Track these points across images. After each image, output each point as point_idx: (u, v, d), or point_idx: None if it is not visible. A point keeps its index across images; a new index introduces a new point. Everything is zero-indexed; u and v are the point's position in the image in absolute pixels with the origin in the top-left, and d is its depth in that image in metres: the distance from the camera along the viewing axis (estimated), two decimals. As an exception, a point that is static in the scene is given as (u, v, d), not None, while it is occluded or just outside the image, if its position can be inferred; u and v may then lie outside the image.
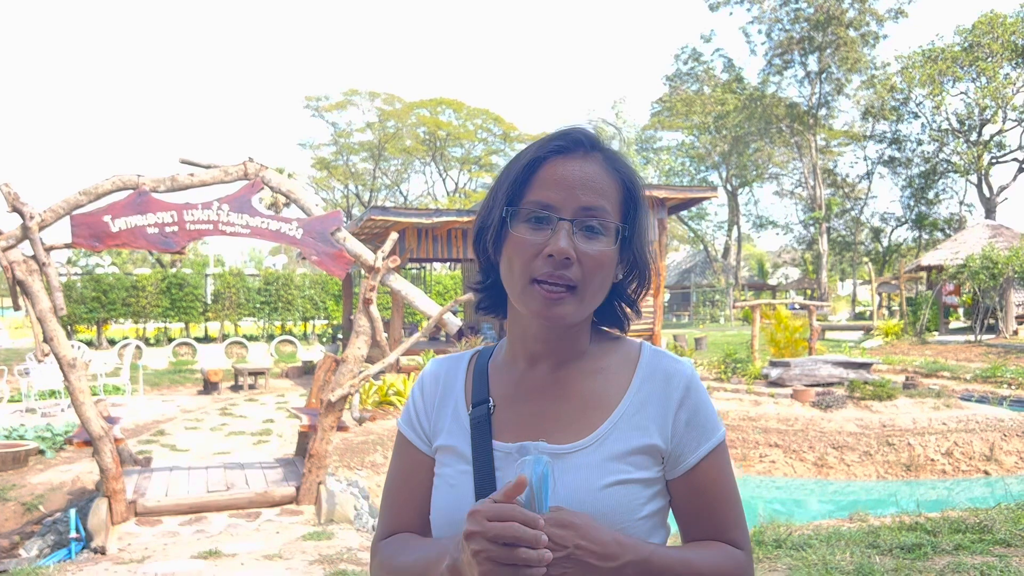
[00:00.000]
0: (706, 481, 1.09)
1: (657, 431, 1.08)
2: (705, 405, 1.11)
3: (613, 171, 1.10)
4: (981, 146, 37.21)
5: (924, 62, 36.76)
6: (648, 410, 1.09)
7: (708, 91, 43.16)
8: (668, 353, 1.16)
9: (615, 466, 1.05)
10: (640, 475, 1.06)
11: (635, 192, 1.12)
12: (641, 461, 1.07)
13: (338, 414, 7.13)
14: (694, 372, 1.14)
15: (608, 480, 1.04)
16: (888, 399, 12.92)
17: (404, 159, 54.96)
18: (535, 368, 1.14)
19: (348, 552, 5.60)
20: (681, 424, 1.08)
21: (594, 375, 1.13)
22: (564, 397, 1.12)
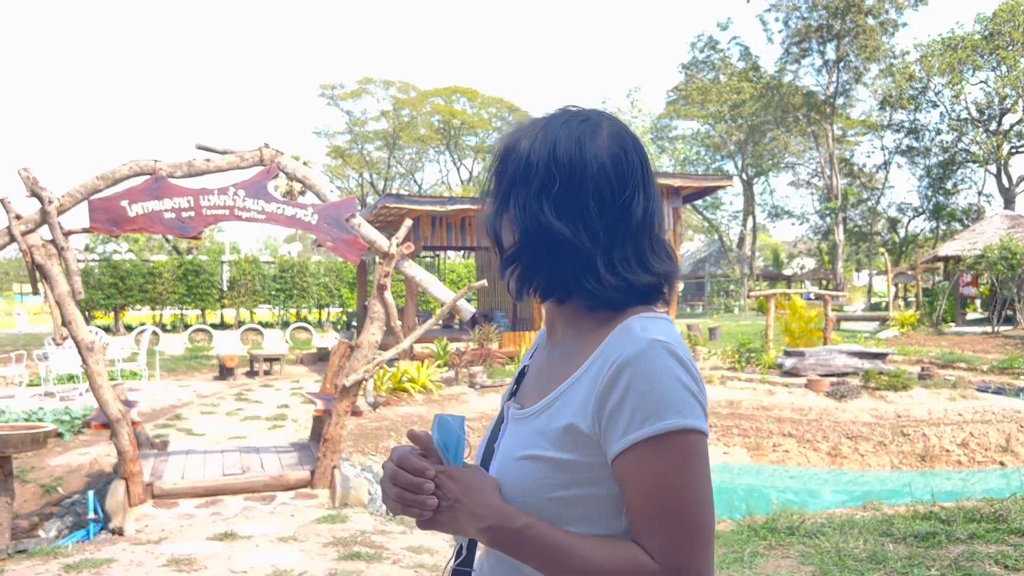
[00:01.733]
0: (628, 475, 0.97)
1: (580, 411, 1.01)
2: (648, 389, 0.96)
3: (490, 151, 1.20)
4: (1001, 136, 36.80)
5: (944, 51, 36.33)
6: (580, 388, 1.03)
7: (724, 80, 42.85)
8: (639, 327, 1.03)
9: (534, 440, 1.05)
10: (552, 454, 1.02)
11: (494, 162, 1.14)
12: (559, 440, 1.02)
13: (352, 399, 7.17)
14: (645, 350, 0.98)
15: (522, 453, 1.05)
16: (903, 389, 12.86)
17: (418, 148, 55.00)
18: (548, 341, 1.21)
19: (362, 535, 5.65)
20: (609, 407, 0.98)
21: (572, 348, 1.11)
22: (547, 367, 1.15)
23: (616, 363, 0.99)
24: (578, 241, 1.04)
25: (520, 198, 1.07)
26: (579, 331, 1.11)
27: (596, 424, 1.00)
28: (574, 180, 1.05)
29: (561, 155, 1.06)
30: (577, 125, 1.08)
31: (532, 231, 1.06)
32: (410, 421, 11.35)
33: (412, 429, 1.07)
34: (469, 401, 12.91)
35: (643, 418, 0.96)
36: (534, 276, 1.09)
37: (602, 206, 1.05)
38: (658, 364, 0.97)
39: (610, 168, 1.06)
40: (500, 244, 1.13)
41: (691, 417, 0.96)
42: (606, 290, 1.05)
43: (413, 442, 1.06)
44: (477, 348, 14.67)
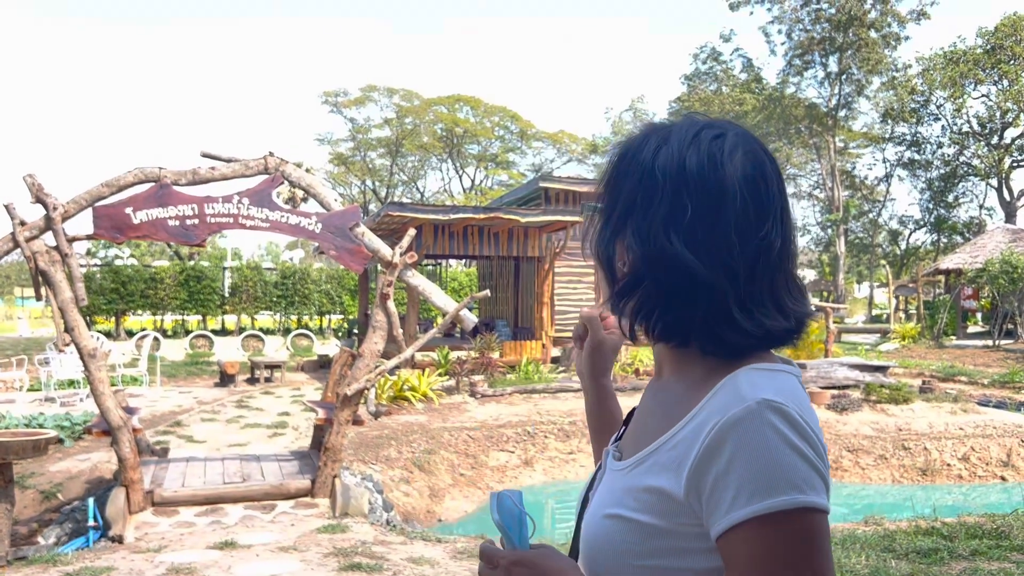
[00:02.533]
0: (733, 557, 0.83)
1: (673, 475, 0.88)
2: (755, 456, 0.82)
3: (608, 156, 1.04)
4: (1002, 149, 36.88)
5: (945, 64, 36.45)
6: (678, 450, 0.90)
7: (726, 91, 42.97)
8: (746, 384, 0.88)
9: (624, 499, 0.94)
10: (640, 518, 0.91)
11: (611, 169, 1.00)
12: (648, 503, 0.90)
13: (354, 408, 7.17)
14: (753, 412, 0.83)
15: (610, 511, 0.95)
16: (904, 403, 12.84)
17: (421, 155, 55.11)
18: (654, 382, 1.08)
19: (362, 546, 5.64)
20: (709, 476, 0.84)
21: (673, 399, 0.98)
22: (647, 412, 1.04)
23: (719, 426, 0.84)
24: (714, 279, 0.90)
25: (643, 222, 0.94)
26: (684, 377, 0.98)
27: (693, 493, 0.86)
28: (710, 206, 0.91)
29: (693, 175, 0.91)
30: (710, 140, 0.94)
31: (657, 263, 0.92)
32: (410, 430, 11.34)
33: (483, 544, 0.98)
34: (470, 410, 12.90)
35: (751, 492, 0.81)
36: (655, 315, 0.94)
37: (742, 239, 0.90)
38: (768, 429, 0.82)
39: (749, 194, 0.92)
40: (612, 271, 0.99)
41: (810, 492, 0.81)
42: (739, 336, 0.91)
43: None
44: (478, 357, 14.67)
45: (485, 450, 11.42)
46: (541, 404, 13.39)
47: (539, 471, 11.44)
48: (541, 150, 58.91)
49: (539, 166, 60.06)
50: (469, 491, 10.50)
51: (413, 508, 9.28)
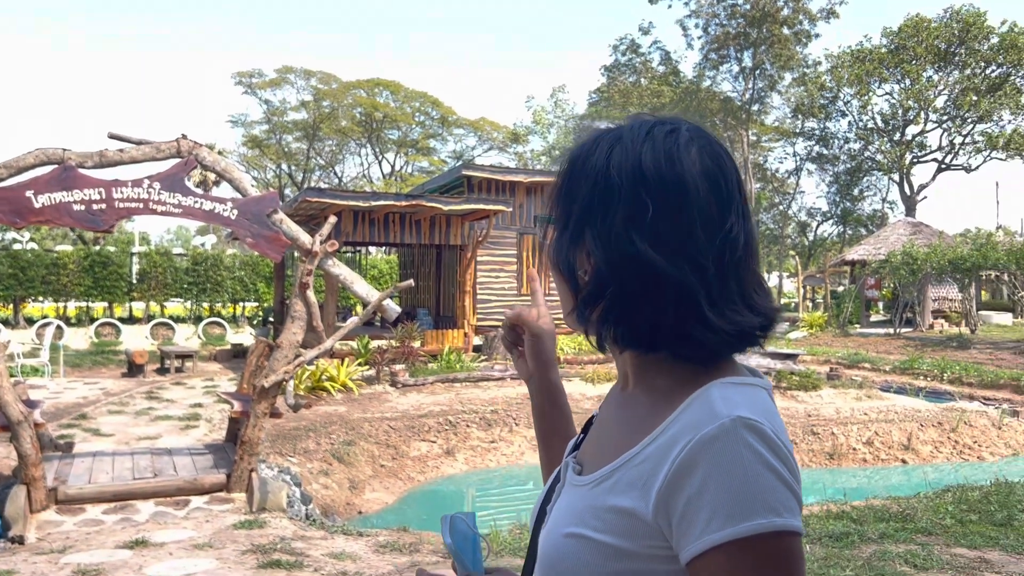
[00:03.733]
0: None
1: (639, 494, 0.84)
2: (731, 479, 0.78)
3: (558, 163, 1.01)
4: (904, 146, 38.58)
5: (852, 62, 37.86)
6: (645, 465, 0.86)
7: (645, 83, 43.61)
8: (719, 399, 0.84)
9: (585, 517, 0.89)
10: (602, 538, 0.86)
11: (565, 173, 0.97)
12: (613, 523, 0.86)
13: (272, 400, 6.98)
14: (727, 430, 0.80)
15: (570, 530, 0.90)
16: (813, 389, 13.33)
17: (339, 140, 54.20)
18: (620, 391, 1.03)
19: (282, 542, 5.50)
20: (680, 497, 0.80)
21: (644, 407, 0.93)
22: (610, 424, 1.00)
23: (692, 444, 0.81)
24: (683, 277, 0.86)
25: (601, 226, 0.90)
26: (651, 387, 0.94)
27: (662, 514, 0.82)
28: (672, 203, 0.87)
29: (651, 173, 0.88)
30: (663, 137, 0.90)
31: (622, 266, 0.88)
32: (329, 420, 11.15)
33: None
34: (391, 400, 12.78)
35: (727, 515, 0.77)
36: (622, 320, 0.90)
37: (707, 234, 0.87)
38: (744, 449, 0.79)
39: (710, 188, 0.88)
40: (575, 280, 0.94)
41: (787, 515, 0.78)
42: (711, 335, 0.86)
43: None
44: (399, 346, 14.52)
45: (406, 440, 11.32)
46: (463, 393, 13.37)
47: (461, 460, 11.42)
48: (462, 137, 58.66)
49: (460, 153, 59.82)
50: (390, 482, 10.39)
51: (332, 501, 9.12)
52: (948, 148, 38.98)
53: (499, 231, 17.32)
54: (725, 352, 0.90)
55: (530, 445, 12.15)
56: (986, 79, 36.45)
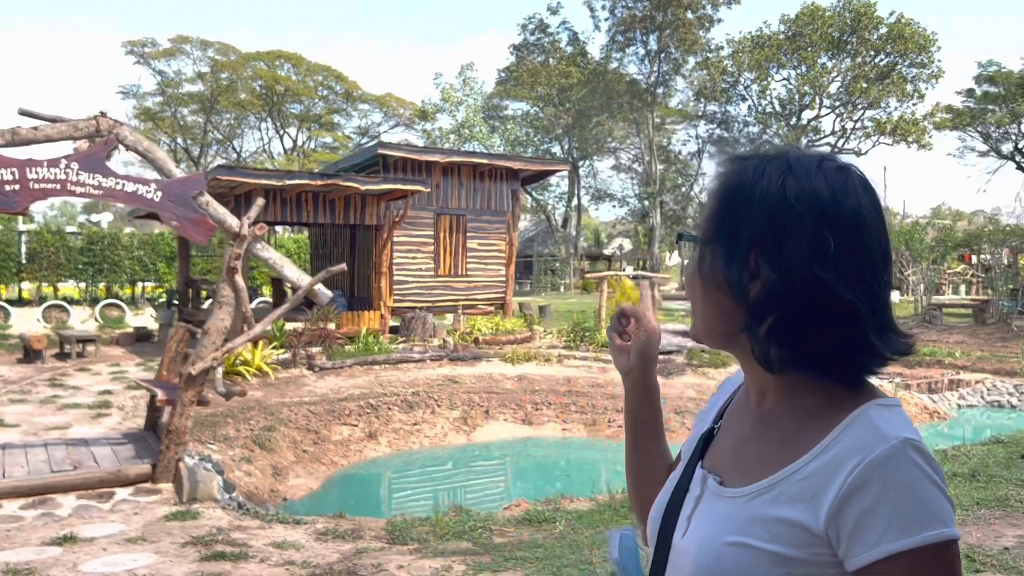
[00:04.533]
0: None
1: (810, 510, 0.91)
2: (902, 494, 0.87)
3: (718, 184, 1.04)
4: (800, 130, 40.21)
5: (752, 48, 39.12)
6: (811, 482, 0.92)
7: (553, 63, 43.87)
8: (882, 420, 0.93)
9: (749, 527, 0.95)
10: (771, 547, 0.93)
11: (730, 195, 1.01)
12: (781, 533, 0.93)
13: (200, 388, 6.79)
14: (897, 451, 0.88)
15: (732, 539, 0.96)
16: (723, 366, 13.85)
17: (238, 113, 52.47)
18: (749, 401, 1.10)
19: (219, 532, 5.39)
20: (853, 511, 0.88)
21: (790, 424, 1.00)
22: (755, 440, 1.05)
23: (865, 464, 0.88)
24: (858, 305, 0.93)
25: (781, 252, 0.94)
26: (797, 405, 1.00)
27: (833, 526, 0.89)
28: (849, 236, 0.94)
29: (830, 206, 0.94)
30: (834, 171, 0.97)
31: (801, 292, 0.93)
32: (247, 406, 10.89)
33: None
34: (309, 384, 12.58)
35: (903, 528, 0.86)
36: (795, 341, 0.96)
37: (875, 265, 0.96)
38: (913, 468, 0.88)
39: (876, 222, 0.97)
40: (743, 296, 0.98)
41: (951, 525, 0.88)
42: (872, 359, 0.96)
43: None
44: (315, 329, 14.29)
45: (327, 425, 11.19)
46: (383, 376, 13.27)
47: (384, 443, 11.38)
48: (367, 113, 57.70)
49: (365, 129, 58.83)
50: (313, 467, 10.27)
51: (256, 488, 8.95)
52: (840, 133, 40.88)
53: (416, 211, 17.19)
54: (873, 373, 0.98)
55: (452, 426, 12.22)
56: (875, 67, 38.32)
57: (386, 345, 15.06)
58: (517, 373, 13.59)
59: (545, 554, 4.73)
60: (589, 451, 11.83)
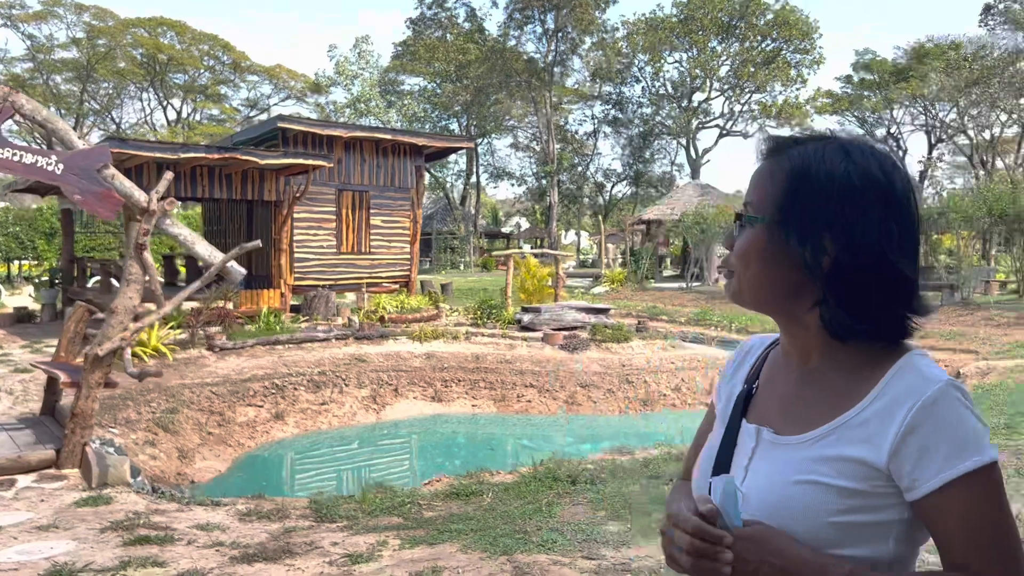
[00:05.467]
0: (948, 509, 1.02)
1: (872, 449, 1.04)
2: (953, 428, 1.01)
3: (781, 167, 1.13)
4: (691, 112, 41.40)
5: (646, 30, 39.92)
6: (873, 423, 1.06)
7: (451, 39, 43.55)
8: (925, 367, 1.07)
9: (814, 467, 1.07)
10: (838, 482, 1.05)
11: (797, 180, 1.10)
12: (846, 470, 1.05)
13: (106, 369, 6.52)
14: (944, 393, 1.02)
15: (800, 477, 1.07)
16: (625, 341, 14.26)
17: (117, 82, 49.78)
18: (789, 361, 1.21)
19: (139, 517, 5.22)
20: (913, 448, 1.02)
21: (841, 379, 1.12)
22: (803, 394, 1.16)
23: (919, 405, 1.02)
24: (913, 277, 1.08)
25: (849, 230, 1.06)
26: (841, 363, 1.13)
27: (895, 461, 1.03)
28: (906, 215, 1.08)
29: (890, 188, 1.08)
30: (883, 156, 1.11)
31: (868, 266, 1.06)
32: (146, 388, 10.49)
33: (700, 510, 1.05)
34: (210, 365, 12.21)
35: (958, 456, 1.00)
36: (859, 307, 1.08)
37: (917, 241, 1.10)
38: (959, 405, 1.02)
39: (916, 202, 1.11)
40: (816, 267, 1.08)
41: (994, 449, 1.02)
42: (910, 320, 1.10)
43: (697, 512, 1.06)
44: (213, 308, 13.84)
45: (231, 406, 10.92)
46: (287, 355, 13.00)
47: (291, 424, 11.21)
48: (257, 85, 55.84)
49: (255, 101, 56.94)
50: (220, 449, 10.03)
51: (162, 472, 8.68)
52: (729, 115, 42.33)
53: (317, 187, 16.83)
54: (911, 334, 1.11)
55: (361, 405, 12.14)
56: (762, 52, 39.82)
57: (288, 324, 14.75)
58: (425, 351, 13.58)
59: (479, 525, 4.81)
60: (500, 426, 11.99)
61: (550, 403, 12.49)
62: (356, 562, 4.25)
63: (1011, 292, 20.77)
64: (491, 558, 4.14)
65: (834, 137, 1.14)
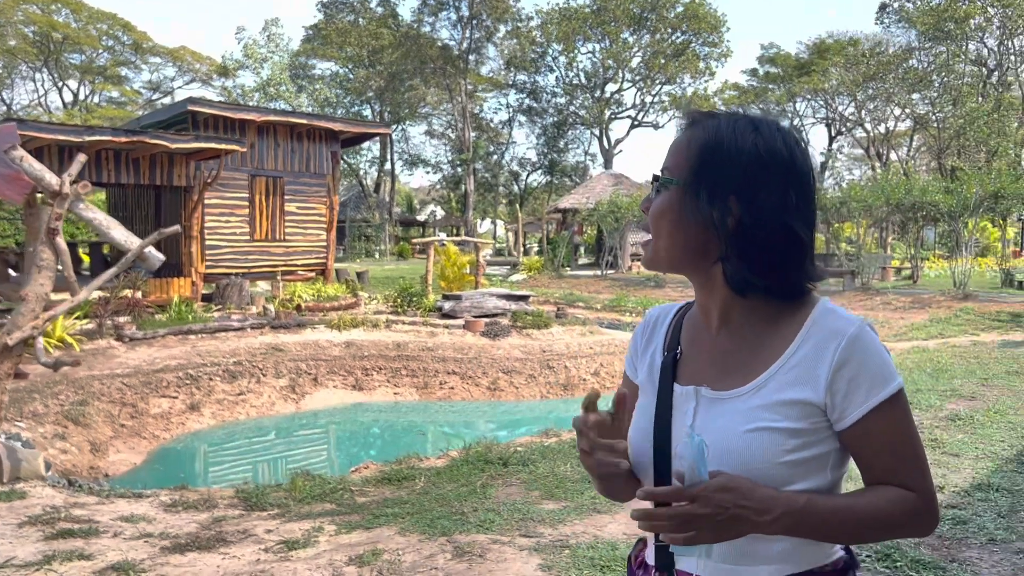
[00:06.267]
0: (875, 431, 1.15)
1: (810, 387, 1.15)
2: (873, 360, 1.14)
3: (696, 137, 1.22)
4: (603, 102, 41.98)
5: (560, 20, 40.24)
6: (804, 366, 1.16)
7: (363, 23, 42.88)
8: (838, 311, 1.19)
9: (761, 414, 1.16)
10: (785, 424, 1.15)
11: (710, 149, 1.20)
12: (790, 412, 1.15)
13: (17, 359, 6.25)
14: (862, 329, 1.15)
15: (750, 426, 1.15)
16: (545, 327, 14.43)
17: (7, 61, 47.18)
18: (710, 323, 1.28)
19: (58, 511, 5.03)
20: (843, 381, 1.14)
21: (763, 332, 1.22)
22: (732, 351, 1.24)
23: (845, 342, 1.14)
24: (808, 241, 1.20)
25: (754, 196, 1.17)
26: (760, 318, 1.23)
27: (829, 394, 1.15)
28: (805, 185, 1.20)
29: (788, 162, 1.19)
30: (788, 133, 1.22)
31: (771, 230, 1.17)
32: (53, 380, 10.05)
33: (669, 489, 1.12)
34: (119, 356, 11.77)
35: (880, 384, 1.14)
36: (761, 267, 1.18)
37: (814, 209, 1.23)
38: (874, 339, 1.16)
39: (813, 175, 1.24)
40: (722, 228, 1.18)
41: (900, 377, 1.17)
42: (808, 280, 1.22)
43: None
44: (122, 297, 13.34)
45: (144, 397, 10.57)
46: (200, 345, 12.64)
47: (208, 415, 10.94)
48: (159, 67, 53.82)
49: (157, 84, 54.89)
50: (134, 442, 9.71)
51: (74, 465, 8.35)
52: (640, 106, 43.15)
53: (229, 172, 16.38)
54: (807, 292, 1.23)
55: (280, 395, 11.93)
56: (672, 44, 40.69)
57: (201, 314, 14.35)
58: (344, 340, 13.42)
59: (414, 509, 4.84)
60: (422, 413, 11.99)
61: (473, 389, 12.55)
62: (293, 548, 4.22)
63: (906, 278, 21.95)
64: (430, 539, 4.18)
65: (746, 114, 1.25)
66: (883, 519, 1.15)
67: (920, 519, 1.17)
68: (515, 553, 3.91)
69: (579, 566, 3.71)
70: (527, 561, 3.80)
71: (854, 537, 1.18)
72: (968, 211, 17.49)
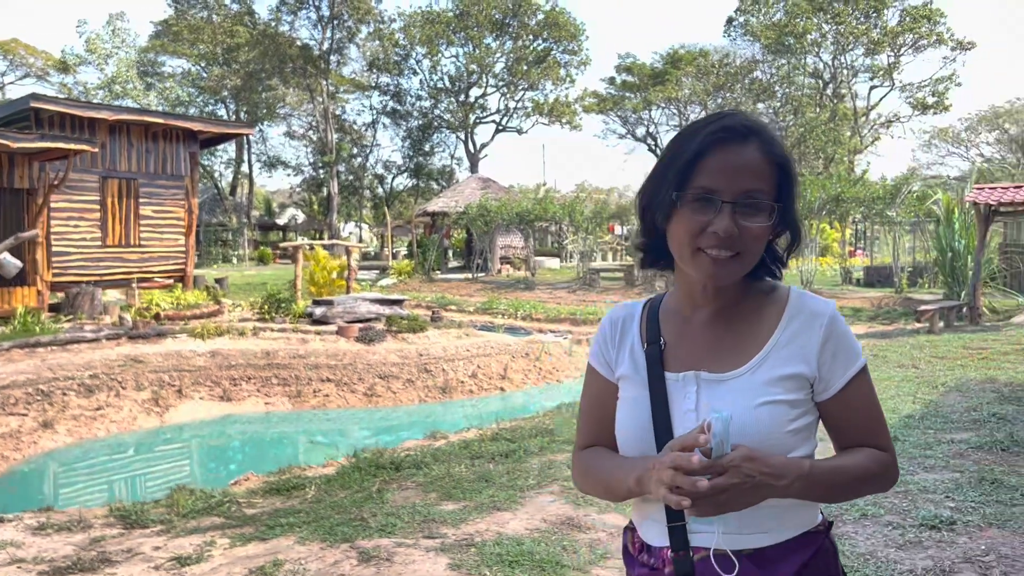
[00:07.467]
0: (852, 400, 1.33)
1: (803, 362, 1.31)
2: (847, 338, 1.34)
3: (769, 155, 1.31)
4: (468, 107, 42.23)
5: (423, 23, 40.18)
6: (795, 343, 1.32)
7: (217, 20, 41.24)
8: (809, 295, 1.37)
9: (767, 388, 1.29)
10: (787, 397, 1.29)
11: (789, 172, 1.34)
12: (789, 385, 1.30)
13: None
14: (835, 310, 1.35)
15: (759, 400, 1.28)
16: (421, 331, 14.36)
17: None
18: (698, 313, 1.40)
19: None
20: (828, 356, 1.31)
21: (748, 316, 1.37)
22: (722, 336, 1.37)
23: (827, 321, 1.33)
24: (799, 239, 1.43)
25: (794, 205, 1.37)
26: (743, 304, 1.39)
27: (818, 368, 1.32)
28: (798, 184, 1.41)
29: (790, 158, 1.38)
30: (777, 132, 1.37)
31: (796, 229, 1.38)
32: None
33: (696, 429, 1.22)
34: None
35: (855, 357, 1.34)
36: (780, 260, 1.42)
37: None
38: (843, 320, 1.36)
39: None
40: (798, 233, 1.40)
41: (862, 353, 1.38)
42: (783, 268, 1.43)
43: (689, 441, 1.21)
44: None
45: (-11, 416, 9.77)
46: (50, 359, 11.77)
47: (63, 432, 10.24)
48: (-13, 61, 49.73)
49: (-15, 79, 50.71)
50: (-21, 465, 8.94)
51: (-89, 494, 7.61)
52: (504, 111, 43.66)
53: (78, 174, 15.35)
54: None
55: (142, 408, 11.30)
56: (534, 51, 41.46)
57: (49, 325, 13.37)
58: (209, 349, 12.86)
59: (310, 517, 4.72)
60: (295, 423, 11.67)
61: (349, 396, 12.33)
62: (185, 564, 4.03)
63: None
64: (332, 547, 4.09)
65: (774, 127, 1.43)
66: (869, 476, 1.32)
67: (892, 474, 1.35)
68: (422, 555, 3.90)
69: (488, 563, 3.74)
70: (435, 562, 3.80)
71: (847, 494, 1.34)
72: (812, 213, 18.78)
